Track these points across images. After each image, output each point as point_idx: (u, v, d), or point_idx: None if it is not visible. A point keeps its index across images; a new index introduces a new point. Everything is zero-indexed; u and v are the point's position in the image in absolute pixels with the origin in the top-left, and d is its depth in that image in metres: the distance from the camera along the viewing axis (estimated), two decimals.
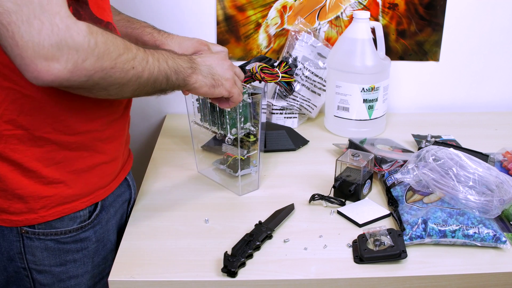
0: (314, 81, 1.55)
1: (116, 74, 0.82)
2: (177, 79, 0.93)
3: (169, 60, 0.92)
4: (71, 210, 0.97)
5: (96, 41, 0.77)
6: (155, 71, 0.88)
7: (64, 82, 0.76)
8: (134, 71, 0.84)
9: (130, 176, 1.15)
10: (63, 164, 0.95)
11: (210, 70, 1.00)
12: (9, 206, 0.94)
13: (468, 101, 1.72)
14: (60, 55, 0.74)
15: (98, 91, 0.83)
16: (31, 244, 0.97)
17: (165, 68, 0.90)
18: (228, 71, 1.03)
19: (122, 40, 0.83)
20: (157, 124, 1.70)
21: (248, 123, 1.16)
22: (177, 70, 0.93)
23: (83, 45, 0.75)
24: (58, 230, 0.97)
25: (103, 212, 1.03)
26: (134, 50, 0.85)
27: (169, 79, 0.92)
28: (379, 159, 1.25)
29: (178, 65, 0.93)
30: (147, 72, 0.87)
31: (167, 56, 0.92)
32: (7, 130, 0.90)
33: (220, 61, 1.03)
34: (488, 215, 1.03)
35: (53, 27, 0.73)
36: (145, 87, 0.88)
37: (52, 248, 0.98)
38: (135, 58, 0.84)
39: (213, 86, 0.99)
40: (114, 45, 0.81)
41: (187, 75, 0.95)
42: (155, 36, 1.23)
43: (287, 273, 0.96)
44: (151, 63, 0.87)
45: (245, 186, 1.22)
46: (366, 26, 1.44)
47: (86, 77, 0.78)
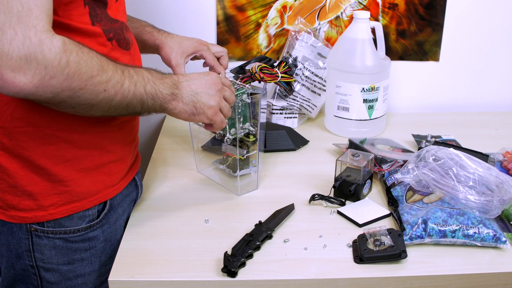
0: (314, 81, 1.55)
1: (85, 95, 0.81)
2: (153, 104, 0.92)
3: (148, 84, 0.90)
4: (80, 209, 0.98)
5: (68, 60, 0.77)
6: (129, 95, 0.87)
7: (29, 96, 0.77)
8: (106, 93, 0.83)
9: (139, 176, 1.16)
10: (72, 162, 0.95)
11: (194, 97, 0.97)
12: (18, 203, 0.94)
13: (468, 101, 1.72)
14: (27, 68, 0.74)
15: (65, 108, 0.83)
16: (40, 242, 0.97)
17: (141, 93, 0.89)
18: (213, 98, 0.99)
19: (99, 61, 0.82)
20: (157, 124, 1.70)
21: (247, 123, 1.16)
22: (155, 96, 0.91)
23: (53, 62, 0.75)
24: (67, 228, 0.98)
25: (111, 212, 1.04)
26: (109, 73, 0.83)
27: (144, 104, 0.90)
28: (379, 159, 1.25)
29: (157, 91, 0.91)
30: (120, 96, 0.85)
31: (147, 80, 0.90)
32: (18, 127, 0.90)
33: (208, 86, 0.99)
34: (488, 215, 1.03)
35: (25, 39, 0.73)
36: (116, 110, 0.87)
37: (61, 246, 0.98)
38: (109, 81, 0.83)
39: (193, 114, 0.98)
40: (88, 66, 0.80)
41: (165, 102, 0.93)
42: (154, 35, 1.23)
43: (287, 273, 0.96)
44: (126, 86, 0.86)
45: (244, 186, 1.22)
46: (366, 26, 1.44)
47: (53, 94, 0.78)
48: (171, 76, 0.96)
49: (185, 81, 0.97)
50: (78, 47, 0.79)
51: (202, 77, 1.00)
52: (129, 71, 0.88)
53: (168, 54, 1.21)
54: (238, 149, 1.18)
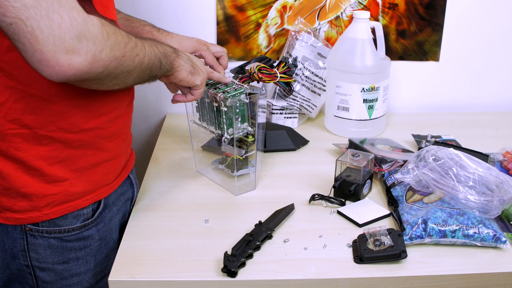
0: (314, 81, 1.55)
1: (126, 62, 0.85)
2: (166, 62, 0.98)
3: (158, 46, 0.96)
4: (75, 208, 0.98)
5: (108, 32, 0.80)
6: (152, 56, 0.92)
7: (84, 75, 0.78)
8: (138, 57, 0.88)
9: (133, 174, 1.16)
10: (66, 162, 0.95)
11: (190, 59, 1.05)
12: (13, 205, 0.94)
13: (468, 101, 1.72)
14: (80, 47, 0.75)
15: (110, 80, 0.86)
16: (35, 242, 0.97)
17: (157, 53, 0.94)
18: (203, 66, 1.09)
19: (122, 30, 0.86)
20: (157, 124, 1.70)
21: (246, 123, 1.16)
22: (166, 54, 0.98)
23: (98, 36, 0.78)
24: (62, 228, 0.98)
25: (106, 210, 1.04)
26: (133, 39, 0.88)
27: (161, 63, 0.96)
28: (379, 159, 1.25)
29: (165, 50, 0.98)
30: (147, 58, 0.91)
31: (154, 43, 0.96)
32: (11, 129, 0.90)
33: (196, 58, 1.09)
34: (488, 215, 1.03)
35: (71, 20, 0.74)
36: (144, 73, 0.92)
37: (55, 246, 0.98)
38: (136, 46, 0.88)
39: (191, 73, 1.04)
40: (120, 34, 0.84)
41: (173, 58, 1.00)
42: (154, 34, 1.24)
43: (287, 273, 0.96)
44: (147, 48, 0.91)
45: (242, 186, 1.22)
46: (366, 26, 1.44)
47: (103, 68, 0.80)
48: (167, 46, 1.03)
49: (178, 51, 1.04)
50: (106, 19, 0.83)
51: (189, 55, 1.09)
52: (139, 38, 0.92)
53: None
54: (235, 149, 1.18)
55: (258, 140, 1.24)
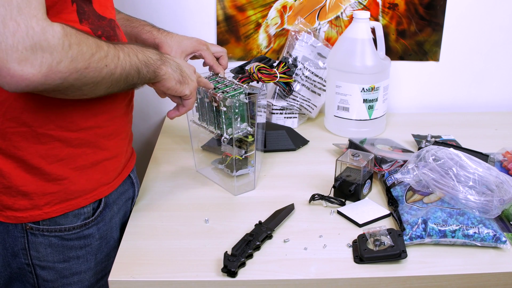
0: (314, 81, 1.55)
1: (90, 73, 0.81)
2: (147, 71, 0.94)
3: (139, 53, 0.92)
4: (75, 207, 0.98)
5: (70, 43, 0.77)
6: (127, 66, 0.88)
7: (39, 86, 0.76)
8: (107, 68, 0.84)
9: (134, 174, 1.16)
10: (66, 161, 0.95)
11: (179, 67, 1.01)
12: (13, 203, 0.94)
13: (468, 101, 1.72)
14: (34, 58, 0.73)
15: (73, 92, 0.83)
16: (35, 240, 0.97)
17: (136, 62, 0.91)
18: (193, 75, 1.05)
19: (93, 39, 0.83)
20: (157, 124, 1.70)
21: (245, 123, 1.16)
22: (147, 62, 0.94)
23: (57, 47, 0.75)
24: (62, 226, 0.98)
25: (106, 209, 1.04)
26: (105, 48, 0.84)
27: (140, 73, 0.92)
28: (379, 159, 1.25)
29: (148, 58, 0.94)
30: (120, 68, 0.87)
31: (136, 49, 0.93)
32: (10, 127, 0.90)
33: (187, 64, 1.04)
34: (488, 215, 1.03)
35: (28, 29, 0.72)
36: (118, 83, 0.89)
37: (56, 244, 0.98)
38: (107, 56, 0.84)
39: (180, 82, 1.01)
40: (87, 45, 0.80)
41: (157, 67, 0.96)
42: (154, 34, 1.24)
43: (287, 273, 0.96)
44: (122, 58, 0.87)
45: (242, 186, 1.22)
46: (366, 26, 1.44)
47: (61, 80, 0.77)
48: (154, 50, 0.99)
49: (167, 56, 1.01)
50: (74, 29, 0.80)
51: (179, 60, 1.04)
52: (119, 45, 0.89)
53: (167, 53, 1.21)
54: (234, 148, 1.18)
55: (258, 140, 1.24)
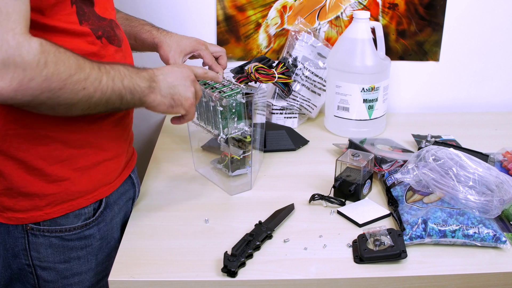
0: (314, 81, 1.55)
1: (65, 94, 0.79)
2: (132, 98, 0.91)
3: (126, 79, 0.89)
4: (76, 207, 0.98)
5: (46, 61, 0.75)
6: (108, 91, 0.85)
7: (8, 100, 0.75)
8: (85, 91, 0.82)
9: (135, 174, 1.16)
10: (67, 162, 0.95)
11: (171, 89, 0.97)
12: (14, 204, 0.94)
13: (468, 101, 1.72)
14: (5, 72, 0.72)
15: (45, 110, 0.82)
16: (36, 241, 0.97)
17: (119, 88, 0.87)
18: (189, 89, 0.99)
19: (76, 59, 0.81)
20: (157, 124, 1.70)
21: (242, 123, 1.16)
22: (133, 90, 0.90)
23: (31, 64, 0.74)
24: (63, 227, 0.98)
25: (107, 210, 1.04)
26: (87, 70, 0.82)
27: (123, 99, 0.89)
28: (379, 159, 1.25)
29: (135, 85, 0.90)
30: (99, 93, 0.84)
31: (124, 74, 0.89)
32: (11, 129, 0.90)
33: (184, 78, 0.99)
34: (488, 215, 1.03)
35: (3, 43, 0.71)
36: (96, 107, 0.86)
37: (57, 245, 0.98)
38: (87, 79, 0.82)
39: (172, 106, 0.97)
40: (66, 65, 0.78)
41: (144, 95, 0.92)
42: (153, 33, 1.24)
43: (287, 273, 0.96)
44: (104, 83, 0.85)
45: (239, 186, 1.22)
46: (366, 26, 1.44)
47: (32, 97, 0.76)
48: (147, 70, 0.95)
49: (160, 75, 0.96)
50: (55, 47, 0.78)
51: (176, 70, 1.00)
52: (106, 67, 0.86)
53: (167, 52, 1.22)
54: (230, 148, 1.18)
55: (257, 140, 1.24)
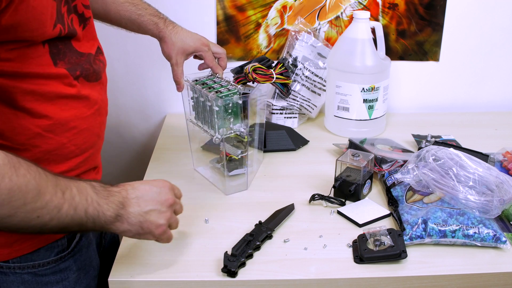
0: (314, 81, 1.55)
1: (14, 221, 0.73)
2: (93, 226, 0.83)
3: (91, 206, 0.81)
4: (49, 241, 0.92)
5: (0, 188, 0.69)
6: (67, 219, 0.78)
7: None
8: (38, 220, 0.75)
9: None
10: None
11: (142, 217, 0.87)
12: None
13: (468, 101, 1.72)
14: None
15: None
16: (6, 279, 0.90)
17: (81, 217, 0.80)
18: (164, 215, 0.90)
19: (37, 184, 0.74)
20: (157, 124, 1.70)
21: (238, 123, 1.15)
22: (96, 218, 0.82)
23: None
24: (35, 262, 0.91)
25: (83, 238, 0.98)
26: (47, 197, 0.75)
27: (82, 226, 0.81)
28: (379, 159, 1.25)
29: (99, 213, 0.82)
30: (56, 221, 0.77)
31: (91, 200, 0.81)
32: None
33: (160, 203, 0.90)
34: (488, 215, 1.03)
35: None
36: (50, 231, 0.79)
37: (30, 281, 0.91)
38: (44, 207, 0.75)
39: (139, 234, 0.88)
40: (22, 192, 0.72)
41: (107, 223, 0.84)
42: (160, 27, 1.22)
43: (287, 273, 0.96)
44: (64, 211, 0.77)
45: (236, 186, 1.22)
46: (366, 26, 1.44)
47: None
48: (120, 192, 0.86)
49: (134, 198, 0.87)
50: (13, 169, 0.71)
51: (154, 191, 0.90)
52: (72, 191, 0.79)
53: (169, 50, 1.22)
54: (227, 148, 1.18)
55: (255, 140, 1.24)
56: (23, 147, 0.86)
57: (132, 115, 1.70)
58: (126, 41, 1.58)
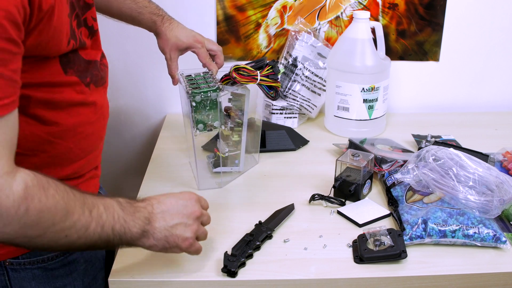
0: (314, 81, 1.55)
1: (43, 241, 0.75)
2: (120, 242, 0.84)
3: (118, 224, 0.82)
4: None
5: (28, 208, 0.71)
6: (94, 237, 0.79)
7: None
8: (67, 239, 0.76)
9: (103, 190, 1.12)
10: None
11: (167, 231, 0.88)
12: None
13: (468, 101, 1.72)
14: None
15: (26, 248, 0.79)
16: (17, 276, 0.92)
17: (108, 235, 0.81)
18: (190, 228, 0.90)
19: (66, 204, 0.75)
20: (157, 124, 1.70)
21: (217, 121, 1.16)
22: (123, 235, 0.83)
23: (9, 210, 0.69)
24: (45, 256, 0.92)
25: None
26: (75, 217, 0.76)
27: (109, 243, 0.82)
28: (379, 159, 1.24)
29: (126, 230, 0.83)
30: (83, 239, 0.78)
31: (117, 218, 0.82)
32: None
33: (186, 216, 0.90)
34: (488, 215, 1.03)
35: None
36: (78, 248, 0.81)
37: (40, 276, 0.93)
38: (72, 227, 0.76)
39: (165, 248, 0.89)
40: (51, 213, 0.73)
41: (133, 240, 0.85)
42: (157, 24, 1.26)
43: (287, 273, 0.96)
44: (91, 230, 0.78)
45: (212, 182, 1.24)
46: (366, 26, 1.44)
47: (7, 240, 0.73)
48: (146, 207, 0.87)
49: (160, 213, 0.88)
50: (42, 191, 0.73)
51: (180, 204, 0.91)
52: (99, 209, 0.80)
53: (163, 46, 1.27)
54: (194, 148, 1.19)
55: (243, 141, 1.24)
56: (32, 153, 0.87)
57: (132, 115, 1.69)
58: (126, 41, 1.58)
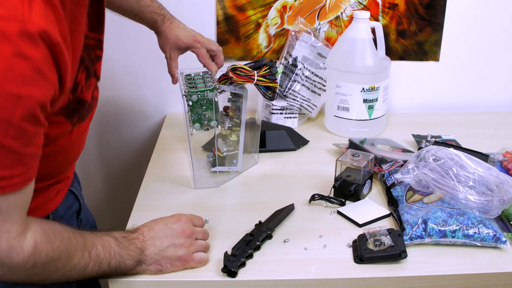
0: (314, 81, 1.55)
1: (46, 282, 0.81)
2: (116, 274, 0.90)
3: (113, 259, 0.87)
4: None
5: (35, 262, 0.76)
6: (92, 274, 0.85)
7: None
8: (67, 279, 0.83)
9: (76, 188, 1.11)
10: None
11: (158, 255, 0.92)
12: None
13: (468, 101, 1.72)
14: None
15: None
16: None
17: (105, 270, 0.86)
18: (181, 247, 0.94)
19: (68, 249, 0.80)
20: (157, 124, 1.70)
21: (213, 121, 1.16)
22: (118, 268, 0.88)
23: (19, 265, 0.75)
24: None
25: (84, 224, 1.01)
26: (75, 260, 0.81)
27: (105, 275, 0.88)
28: (379, 159, 1.25)
29: (121, 264, 0.88)
30: (82, 277, 0.84)
31: (113, 254, 0.87)
32: None
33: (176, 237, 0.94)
34: (488, 215, 1.03)
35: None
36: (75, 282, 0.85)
37: None
38: (73, 269, 0.82)
39: (160, 270, 0.93)
40: (55, 262, 0.79)
41: (129, 270, 0.91)
42: (157, 24, 1.27)
43: (287, 273, 0.96)
44: (90, 268, 0.84)
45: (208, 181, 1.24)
46: (366, 26, 1.44)
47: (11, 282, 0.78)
48: (138, 237, 0.92)
49: (150, 239, 0.92)
50: (49, 245, 0.78)
51: (169, 227, 0.95)
52: (97, 249, 0.84)
53: (164, 45, 1.27)
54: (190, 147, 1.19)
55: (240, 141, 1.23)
56: None
57: (132, 115, 1.70)
58: (126, 41, 1.58)
